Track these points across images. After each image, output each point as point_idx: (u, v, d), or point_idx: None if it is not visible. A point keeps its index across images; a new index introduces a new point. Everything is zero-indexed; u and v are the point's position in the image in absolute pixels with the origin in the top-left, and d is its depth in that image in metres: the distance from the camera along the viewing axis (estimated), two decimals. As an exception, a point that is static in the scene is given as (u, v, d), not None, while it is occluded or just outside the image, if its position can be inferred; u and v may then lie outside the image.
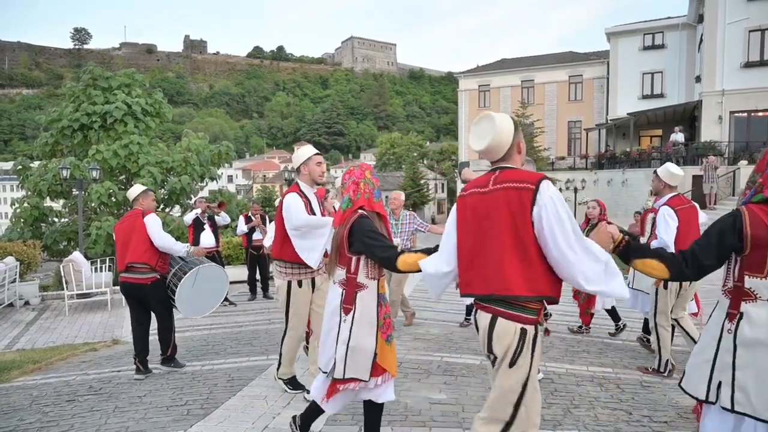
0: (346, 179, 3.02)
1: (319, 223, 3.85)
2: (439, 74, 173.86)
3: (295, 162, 4.15)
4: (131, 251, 5.01)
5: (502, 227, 2.24)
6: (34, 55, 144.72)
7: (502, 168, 2.37)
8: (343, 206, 2.96)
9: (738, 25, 22.69)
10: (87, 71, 16.15)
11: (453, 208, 2.53)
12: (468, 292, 2.40)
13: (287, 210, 3.86)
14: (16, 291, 9.96)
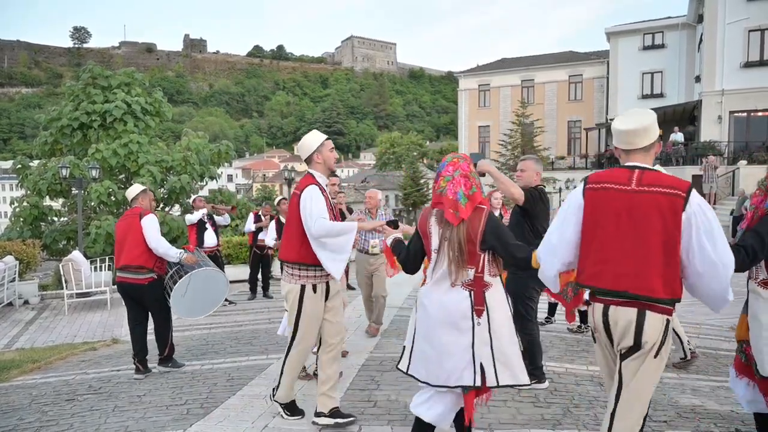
0: (450, 171, 2.75)
1: (344, 229, 3.42)
2: (439, 74, 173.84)
3: (304, 150, 3.61)
4: (127, 252, 4.98)
5: (650, 229, 2.28)
6: (34, 53, 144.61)
7: (642, 168, 2.39)
8: (462, 202, 2.68)
9: (738, 25, 22.69)
10: (87, 70, 16.14)
11: (571, 199, 2.52)
12: (592, 284, 2.42)
13: (308, 209, 3.37)
14: (16, 290, 9.95)
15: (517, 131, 31.53)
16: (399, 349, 5.39)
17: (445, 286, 2.69)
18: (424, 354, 2.71)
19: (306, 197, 3.40)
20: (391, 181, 64.98)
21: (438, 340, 2.66)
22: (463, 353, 2.62)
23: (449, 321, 2.65)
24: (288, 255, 3.56)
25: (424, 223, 2.83)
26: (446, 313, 2.66)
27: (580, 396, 4.11)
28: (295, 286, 3.52)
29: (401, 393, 4.14)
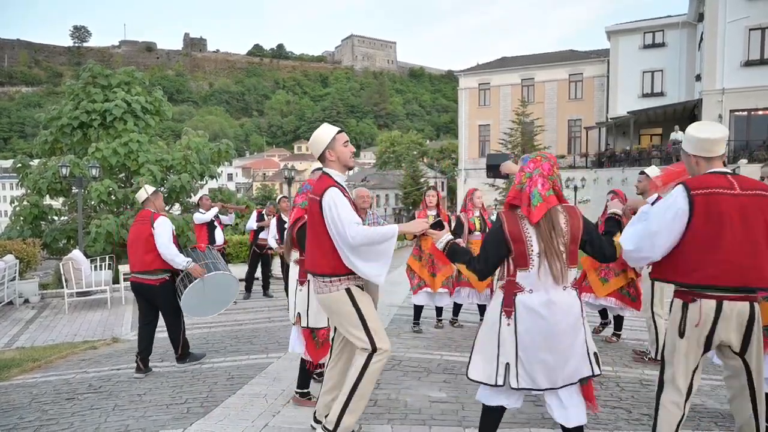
0: (531, 168, 2.70)
1: (386, 234, 2.98)
2: (439, 72, 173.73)
3: (315, 147, 3.20)
4: (140, 256, 5.04)
5: (757, 227, 2.57)
6: (34, 52, 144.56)
7: (731, 173, 2.69)
8: (534, 201, 2.63)
9: (738, 24, 22.68)
10: (87, 69, 16.13)
11: (671, 206, 2.67)
12: (711, 283, 2.58)
13: (336, 216, 2.93)
14: (16, 289, 9.96)
15: (517, 130, 31.53)
16: (399, 348, 5.42)
17: (555, 290, 2.61)
18: (543, 364, 2.61)
19: (329, 203, 2.96)
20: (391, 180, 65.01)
21: (561, 345, 2.61)
22: (581, 350, 2.66)
23: (570, 324, 2.62)
24: (320, 268, 3.10)
25: (517, 228, 2.66)
26: (566, 317, 2.61)
27: (581, 395, 4.11)
28: (338, 294, 3.08)
29: (401, 392, 4.15)
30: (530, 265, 2.62)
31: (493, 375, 2.69)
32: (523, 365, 2.64)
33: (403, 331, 6.33)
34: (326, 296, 3.11)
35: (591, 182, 27.85)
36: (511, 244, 2.66)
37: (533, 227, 2.63)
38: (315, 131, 3.23)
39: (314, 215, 3.07)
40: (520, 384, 2.65)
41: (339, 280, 3.06)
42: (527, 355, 2.62)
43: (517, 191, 2.72)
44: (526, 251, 2.62)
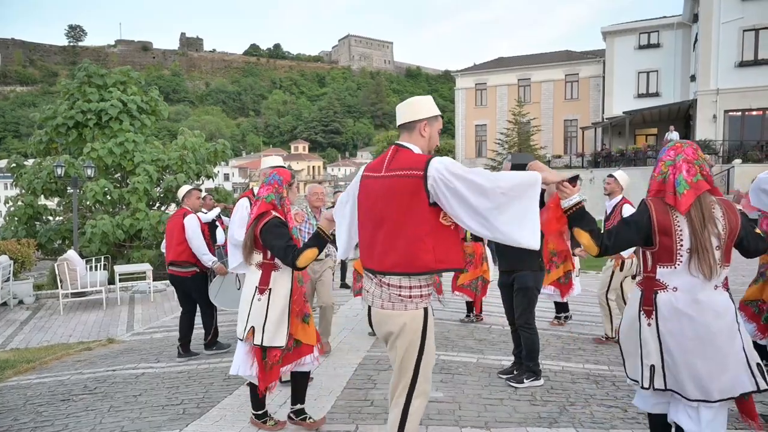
0: (672, 155, 2.49)
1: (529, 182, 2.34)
2: (436, 72, 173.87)
3: (412, 112, 2.58)
4: (174, 248, 5.61)
5: None
6: (29, 52, 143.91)
7: None
8: (680, 189, 2.39)
9: (732, 25, 22.79)
10: (82, 68, 16.09)
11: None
12: None
13: (465, 182, 2.31)
14: (10, 290, 9.91)
15: (513, 130, 31.60)
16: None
17: (704, 289, 2.36)
18: (693, 370, 2.35)
19: (447, 170, 2.34)
20: None
21: (715, 351, 2.34)
22: (740, 357, 2.37)
23: (723, 327, 2.36)
24: (416, 262, 2.40)
25: (667, 218, 2.41)
26: (717, 319, 2.36)
27: (576, 394, 4.12)
28: (416, 312, 2.47)
29: (398, 392, 4.14)
30: (677, 261, 2.39)
31: (639, 376, 2.52)
32: (669, 369, 2.41)
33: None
34: (396, 314, 2.47)
35: (587, 182, 27.85)
36: (656, 236, 2.41)
37: (684, 219, 2.38)
38: (418, 97, 2.64)
39: (403, 196, 2.40)
40: (667, 384, 2.43)
41: (421, 293, 2.46)
42: (673, 359, 2.39)
43: (659, 182, 2.50)
44: (674, 246, 2.39)
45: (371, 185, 2.55)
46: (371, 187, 2.55)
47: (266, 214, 3.32)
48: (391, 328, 2.47)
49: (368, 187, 2.58)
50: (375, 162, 2.63)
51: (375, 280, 2.51)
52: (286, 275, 3.38)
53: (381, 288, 2.47)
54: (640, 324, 2.48)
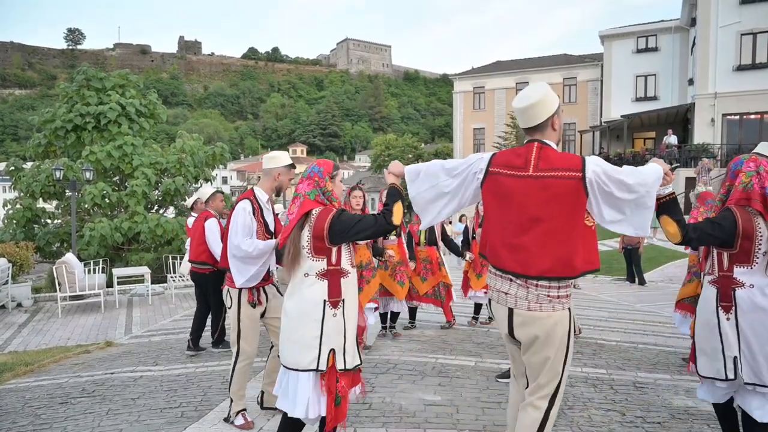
0: (752, 167, 2.79)
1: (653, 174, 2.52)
2: (434, 76, 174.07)
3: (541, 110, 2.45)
4: (194, 248, 6.00)
5: None
6: (27, 55, 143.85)
7: None
8: (742, 187, 2.77)
9: (730, 29, 22.87)
10: (81, 72, 16.11)
11: None
12: None
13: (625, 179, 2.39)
14: (9, 293, 9.89)
15: (511, 133, 31.65)
16: (394, 352, 5.42)
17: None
18: None
19: (602, 169, 2.36)
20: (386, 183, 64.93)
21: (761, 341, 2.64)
22: None
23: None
24: (569, 266, 2.34)
25: (751, 225, 2.69)
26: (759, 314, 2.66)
27: (575, 397, 4.13)
28: (564, 313, 2.41)
29: (396, 395, 4.15)
30: (753, 262, 2.66)
31: (722, 369, 2.71)
32: (747, 360, 2.65)
33: (404, 333, 6.33)
34: (544, 315, 2.37)
35: (585, 185, 27.98)
36: (738, 240, 2.68)
37: (765, 225, 2.68)
38: (539, 92, 2.49)
39: (564, 198, 2.32)
40: (745, 379, 2.65)
41: (567, 292, 2.41)
42: (751, 350, 2.64)
43: (741, 191, 2.77)
44: (753, 249, 2.67)
45: (514, 184, 2.40)
46: (514, 186, 2.40)
47: (326, 210, 2.78)
48: (538, 331, 2.37)
49: (508, 185, 2.42)
50: (510, 159, 2.47)
51: (519, 282, 2.39)
52: (354, 281, 2.88)
53: (527, 289, 2.38)
54: (719, 319, 2.71)
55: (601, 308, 8.66)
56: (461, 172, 2.62)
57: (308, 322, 2.70)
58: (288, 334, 2.74)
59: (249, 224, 3.48)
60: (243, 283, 3.50)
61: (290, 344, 2.73)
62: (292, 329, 2.73)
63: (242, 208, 3.51)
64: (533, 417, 2.42)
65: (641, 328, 7.03)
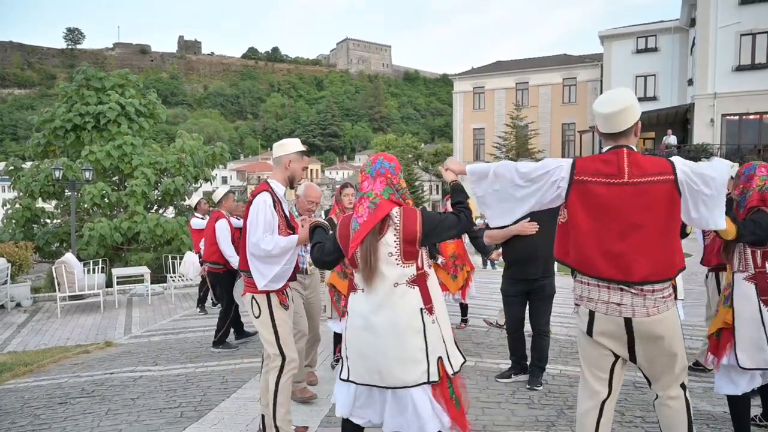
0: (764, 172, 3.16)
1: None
2: (433, 76, 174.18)
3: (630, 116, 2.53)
4: (207, 248, 6.26)
5: None
6: (27, 54, 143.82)
7: None
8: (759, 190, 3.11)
9: (730, 29, 22.89)
10: (80, 71, 16.10)
11: None
12: None
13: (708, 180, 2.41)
14: (8, 293, 9.89)
15: (511, 134, 31.68)
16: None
17: None
18: None
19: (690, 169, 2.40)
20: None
21: None
22: None
23: None
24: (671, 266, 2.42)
25: None
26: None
27: (574, 397, 4.11)
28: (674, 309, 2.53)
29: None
30: None
31: None
32: None
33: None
34: (663, 317, 2.41)
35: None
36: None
37: None
38: (627, 97, 2.54)
39: (663, 202, 2.36)
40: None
41: (671, 286, 2.48)
42: None
43: (758, 193, 3.09)
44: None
45: (609, 192, 2.38)
46: (610, 194, 2.38)
47: (410, 210, 2.54)
48: (663, 332, 2.39)
49: (603, 194, 2.40)
50: (597, 166, 2.45)
51: (633, 290, 2.38)
52: (436, 281, 2.70)
53: (643, 297, 2.38)
54: (761, 313, 3.01)
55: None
56: (537, 178, 2.55)
57: (409, 335, 2.47)
58: (384, 352, 2.45)
59: (270, 219, 3.13)
60: (266, 285, 3.12)
61: (389, 362, 2.45)
62: (391, 346, 2.45)
63: (262, 201, 3.15)
64: (679, 406, 2.49)
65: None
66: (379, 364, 2.47)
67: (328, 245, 2.70)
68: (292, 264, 3.24)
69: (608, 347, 2.47)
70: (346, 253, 2.54)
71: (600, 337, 2.47)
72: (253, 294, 3.20)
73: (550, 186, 2.52)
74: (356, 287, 2.59)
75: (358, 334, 2.53)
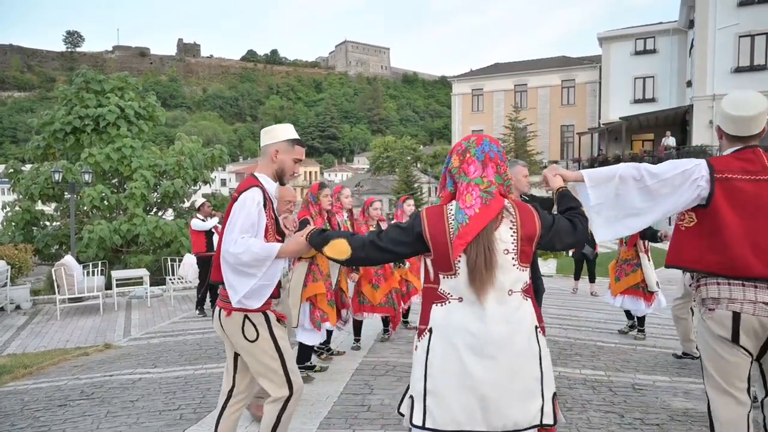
0: None
1: None
2: (432, 78, 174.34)
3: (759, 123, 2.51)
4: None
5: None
6: (26, 57, 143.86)
7: None
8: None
9: (728, 31, 22.95)
10: (80, 74, 16.12)
11: None
12: None
13: None
14: (7, 295, 9.89)
15: (510, 135, 31.70)
16: (392, 354, 5.42)
17: None
18: None
19: None
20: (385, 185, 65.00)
21: None
22: None
23: None
24: None
25: None
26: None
27: (573, 399, 4.13)
28: None
29: (395, 397, 4.14)
30: None
31: None
32: None
33: (397, 336, 6.33)
34: None
35: (584, 187, 28.03)
36: None
37: None
38: (764, 101, 2.48)
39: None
40: None
41: None
42: None
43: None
44: None
45: (757, 189, 2.37)
46: (758, 190, 2.37)
47: (523, 204, 2.10)
48: None
49: (753, 190, 2.37)
50: (740, 164, 2.43)
51: None
52: None
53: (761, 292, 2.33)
54: None
55: (600, 310, 8.67)
56: (673, 178, 2.43)
57: (525, 359, 1.96)
58: (496, 381, 1.90)
59: (255, 219, 2.55)
60: (239, 302, 2.50)
61: (501, 395, 1.90)
62: (505, 374, 1.92)
63: (251, 197, 2.57)
64: None
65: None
66: (485, 398, 1.90)
67: (393, 234, 2.10)
68: (272, 280, 2.56)
69: (748, 349, 2.37)
70: (446, 250, 1.98)
71: (744, 340, 2.35)
72: (247, 315, 2.54)
73: (689, 186, 2.41)
74: (446, 296, 2.02)
75: (456, 358, 1.94)
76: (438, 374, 1.95)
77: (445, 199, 2.13)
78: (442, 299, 2.03)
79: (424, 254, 2.10)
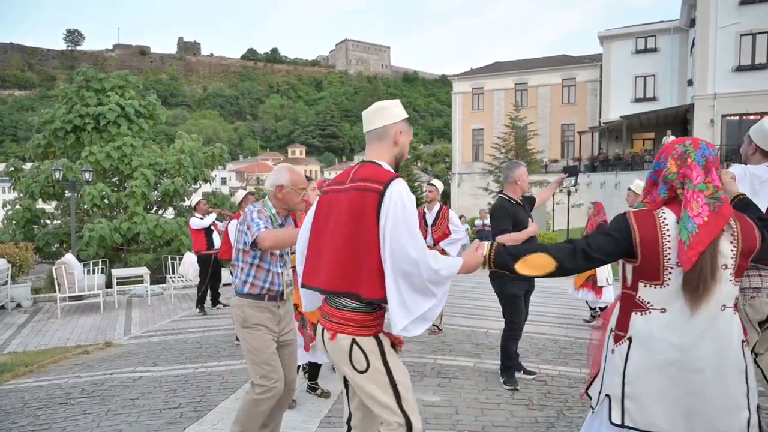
0: None
1: None
2: (432, 77, 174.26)
3: None
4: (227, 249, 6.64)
5: None
6: (27, 56, 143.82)
7: None
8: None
9: (729, 29, 22.90)
10: (80, 73, 16.11)
11: None
12: None
13: None
14: (8, 293, 9.89)
15: (510, 134, 31.63)
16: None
17: None
18: None
19: None
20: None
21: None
22: None
23: None
24: None
25: None
26: None
27: (574, 399, 4.13)
28: None
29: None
30: None
31: None
32: None
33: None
34: None
35: (584, 186, 27.96)
36: None
37: None
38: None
39: None
40: None
41: None
42: None
43: None
44: None
45: None
46: None
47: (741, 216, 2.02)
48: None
49: None
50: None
51: None
52: None
53: None
54: None
55: (600, 309, 8.67)
56: None
57: (733, 374, 1.91)
58: (706, 396, 1.88)
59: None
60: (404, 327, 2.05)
61: (711, 411, 1.88)
62: (716, 389, 1.88)
63: (406, 191, 2.10)
64: None
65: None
66: (691, 411, 1.88)
67: (602, 242, 2.01)
68: (444, 302, 2.14)
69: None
70: (657, 259, 1.92)
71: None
72: (355, 336, 2.12)
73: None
74: (646, 305, 1.95)
75: (658, 371, 1.91)
76: (637, 382, 1.94)
77: (653, 205, 2.03)
78: (642, 308, 1.97)
79: (624, 260, 2.03)
